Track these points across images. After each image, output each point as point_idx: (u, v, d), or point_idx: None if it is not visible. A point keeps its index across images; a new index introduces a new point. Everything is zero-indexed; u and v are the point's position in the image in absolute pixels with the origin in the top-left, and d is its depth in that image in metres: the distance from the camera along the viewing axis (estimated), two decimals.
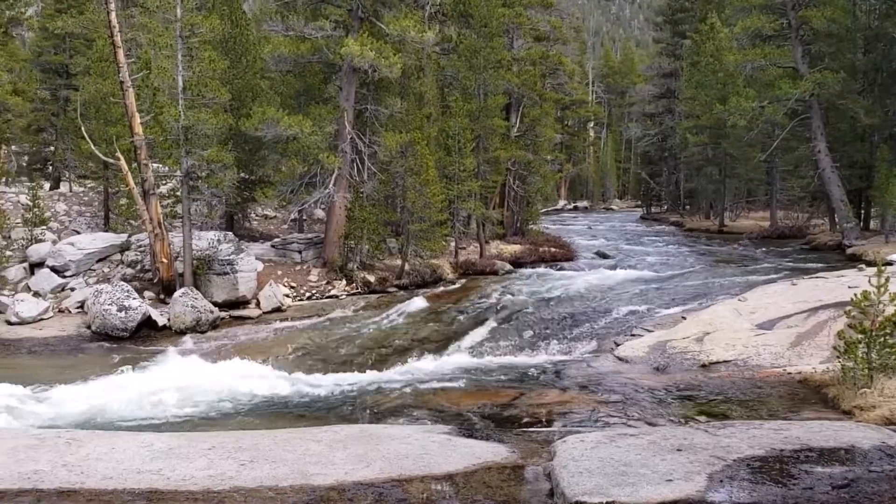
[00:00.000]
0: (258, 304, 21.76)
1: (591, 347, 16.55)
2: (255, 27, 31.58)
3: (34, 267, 22.90)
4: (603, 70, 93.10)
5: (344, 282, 24.11)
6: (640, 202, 70.85)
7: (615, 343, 16.15)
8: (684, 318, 17.15)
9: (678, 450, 6.62)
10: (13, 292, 21.63)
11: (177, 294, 20.26)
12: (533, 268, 28.62)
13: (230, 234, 24.05)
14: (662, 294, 21.62)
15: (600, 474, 6.00)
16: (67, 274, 22.40)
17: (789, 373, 12.03)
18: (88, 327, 19.37)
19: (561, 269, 28.00)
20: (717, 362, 13.34)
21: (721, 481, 5.91)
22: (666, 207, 61.27)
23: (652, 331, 16.63)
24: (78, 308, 20.79)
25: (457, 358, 16.48)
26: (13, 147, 41.23)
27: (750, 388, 11.50)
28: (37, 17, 42.40)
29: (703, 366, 13.34)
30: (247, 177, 27.95)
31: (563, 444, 6.87)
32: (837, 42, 33.26)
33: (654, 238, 41.30)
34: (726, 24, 43.07)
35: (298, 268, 24.88)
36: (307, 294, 23.34)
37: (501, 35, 31.42)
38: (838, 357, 10.42)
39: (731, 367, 12.98)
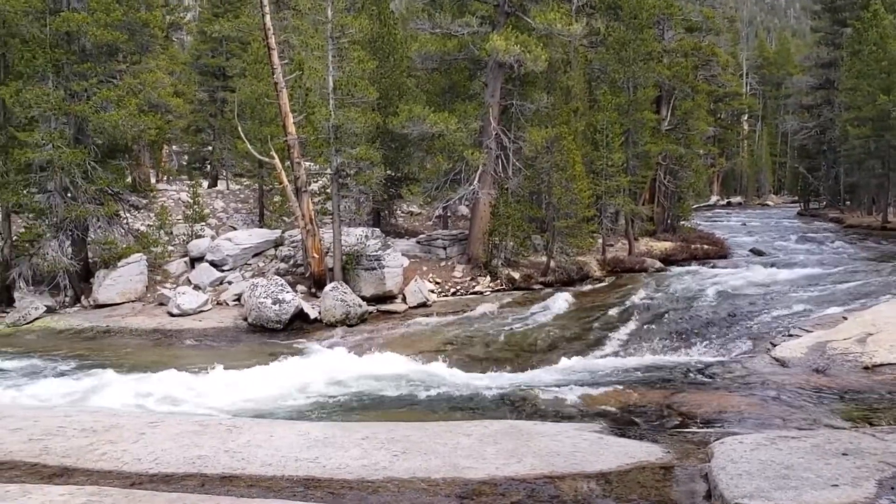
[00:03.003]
0: (404, 299, 22.05)
1: (747, 348, 15.97)
2: (402, 26, 32.02)
3: (194, 261, 24.03)
4: (757, 61, 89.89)
5: (488, 278, 24.14)
6: (796, 198, 67.99)
7: (771, 343, 15.51)
8: (845, 318, 16.27)
9: (843, 454, 6.25)
10: (175, 285, 22.76)
11: (327, 288, 20.77)
12: (684, 266, 27.87)
13: (377, 230, 24.52)
14: (821, 293, 20.64)
15: (761, 477, 5.74)
16: (225, 268, 23.38)
17: None
18: (245, 319, 20.12)
19: (714, 266, 27.14)
20: (882, 364, 12.57)
21: (893, 488, 5.53)
22: (824, 203, 58.61)
23: (810, 331, 15.86)
24: (235, 301, 21.64)
25: (605, 356, 16.23)
26: (174, 147, 43.57)
27: None
28: (195, 22, 44.59)
29: (866, 368, 12.60)
30: (393, 174, 28.40)
31: (721, 446, 6.60)
32: None
33: (812, 235, 39.50)
34: (890, 10, 40.80)
35: (443, 264, 25.10)
36: (451, 290, 23.49)
37: (651, 26, 30.76)
38: None
39: None
